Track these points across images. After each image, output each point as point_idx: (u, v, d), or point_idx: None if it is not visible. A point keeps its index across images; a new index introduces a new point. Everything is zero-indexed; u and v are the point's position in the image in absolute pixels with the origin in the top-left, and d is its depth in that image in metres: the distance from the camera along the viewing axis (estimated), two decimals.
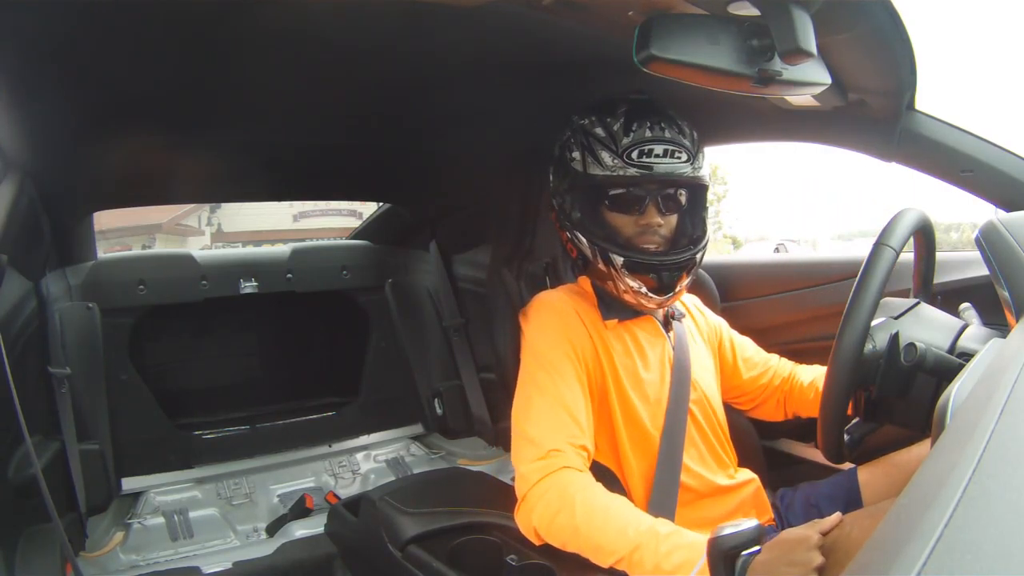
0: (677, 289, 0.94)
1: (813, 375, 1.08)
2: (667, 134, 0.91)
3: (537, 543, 0.84)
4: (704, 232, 0.98)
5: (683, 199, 0.96)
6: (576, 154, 0.93)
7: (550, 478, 0.82)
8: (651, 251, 0.93)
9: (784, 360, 1.15)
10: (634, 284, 0.91)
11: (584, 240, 0.93)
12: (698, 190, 0.98)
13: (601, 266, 0.92)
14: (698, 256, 0.95)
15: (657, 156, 0.90)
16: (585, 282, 1.03)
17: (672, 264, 0.92)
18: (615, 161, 0.90)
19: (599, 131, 0.92)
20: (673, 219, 0.95)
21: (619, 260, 0.90)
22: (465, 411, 1.94)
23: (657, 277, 0.91)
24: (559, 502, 0.80)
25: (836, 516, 0.73)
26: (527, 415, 0.89)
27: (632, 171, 0.89)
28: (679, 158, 0.91)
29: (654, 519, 0.78)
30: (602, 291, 1.01)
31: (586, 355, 0.93)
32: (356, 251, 2.10)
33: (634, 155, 0.89)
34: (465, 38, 0.85)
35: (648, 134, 0.90)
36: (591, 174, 0.91)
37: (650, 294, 0.92)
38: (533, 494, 0.83)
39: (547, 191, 1.02)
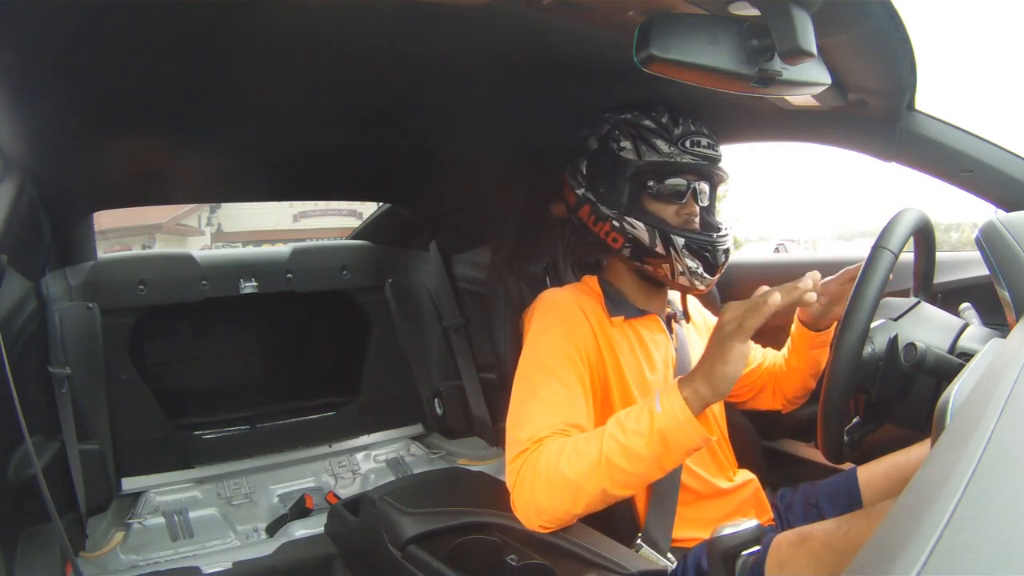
0: (721, 271, 0.97)
1: (783, 350, 1.12)
2: (704, 130, 0.97)
3: (542, 529, 0.84)
4: (720, 222, 1.02)
5: (707, 193, 1.00)
6: (627, 144, 0.96)
7: (520, 459, 0.84)
8: (705, 233, 0.96)
9: (772, 350, 1.16)
10: (692, 264, 0.94)
11: (641, 225, 0.94)
12: (717, 185, 1.02)
13: (660, 249, 0.94)
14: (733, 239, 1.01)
15: (703, 147, 0.95)
16: (591, 280, 1.03)
17: (724, 244, 0.96)
18: (671, 148, 0.94)
19: (648, 123, 0.96)
20: (699, 210, 0.99)
21: (680, 241, 0.93)
22: (465, 411, 1.94)
23: (712, 256, 0.95)
24: (532, 475, 0.81)
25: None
26: (517, 419, 0.89)
27: (687, 158, 0.94)
28: (717, 151, 0.97)
29: (604, 428, 0.81)
30: (610, 289, 1.01)
31: (590, 354, 0.93)
32: (356, 251, 2.10)
33: (687, 144, 0.94)
34: (465, 38, 0.85)
35: (692, 127, 0.96)
36: (649, 160, 0.94)
37: (704, 274, 0.95)
38: (513, 485, 0.84)
39: (572, 185, 1.02)
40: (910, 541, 0.28)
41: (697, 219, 0.97)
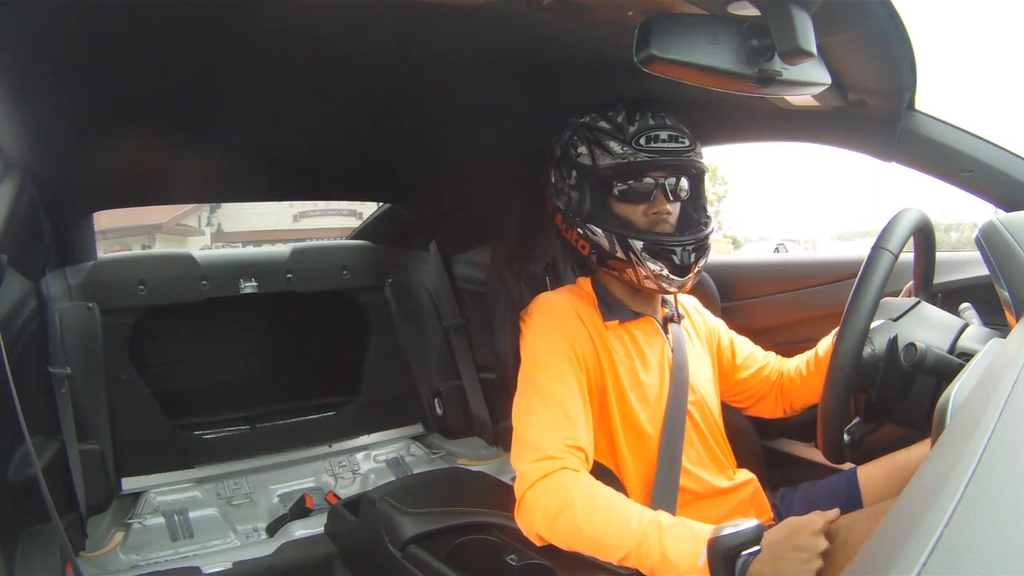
0: (695, 271, 0.95)
1: (798, 362, 1.10)
2: (668, 121, 0.94)
3: (539, 544, 0.84)
4: (708, 217, 1.00)
5: (686, 187, 0.98)
6: (583, 149, 0.95)
7: (548, 480, 0.82)
8: (668, 234, 0.94)
9: (778, 356, 1.15)
10: (655, 267, 0.92)
11: (600, 231, 0.93)
12: (699, 177, 1.00)
13: (620, 254, 0.92)
14: (710, 236, 0.97)
15: (663, 141, 0.92)
16: (585, 283, 1.03)
17: (688, 244, 0.93)
18: (624, 149, 0.92)
19: (603, 124, 0.94)
20: (678, 207, 0.97)
21: (639, 245, 0.91)
22: (465, 411, 1.94)
23: (677, 258, 0.92)
24: (559, 503, 0.80)
25: (835, 512, 0.74)
26: (526, 418, 0.89)
27: (642, 156, 0.92)
28: (683, 142, 0.94)
29: (656, 512, 0.78)
30: (603, 292, 1.01)
31: (586, 357, 0.93)
32: (356, 251, 2.10)
33: (642, 141, 0.92)
34: (465, 38, 0.85)
35: (651, 121, 0.93)
36: (602, 165, 0.93)
37: (671, 276, 0.93)
38: (531, 496, 0.83)
39: (548, 193, 1.02)
40: (910, 541, 0.28)
41: (672, 217, 0.95)
